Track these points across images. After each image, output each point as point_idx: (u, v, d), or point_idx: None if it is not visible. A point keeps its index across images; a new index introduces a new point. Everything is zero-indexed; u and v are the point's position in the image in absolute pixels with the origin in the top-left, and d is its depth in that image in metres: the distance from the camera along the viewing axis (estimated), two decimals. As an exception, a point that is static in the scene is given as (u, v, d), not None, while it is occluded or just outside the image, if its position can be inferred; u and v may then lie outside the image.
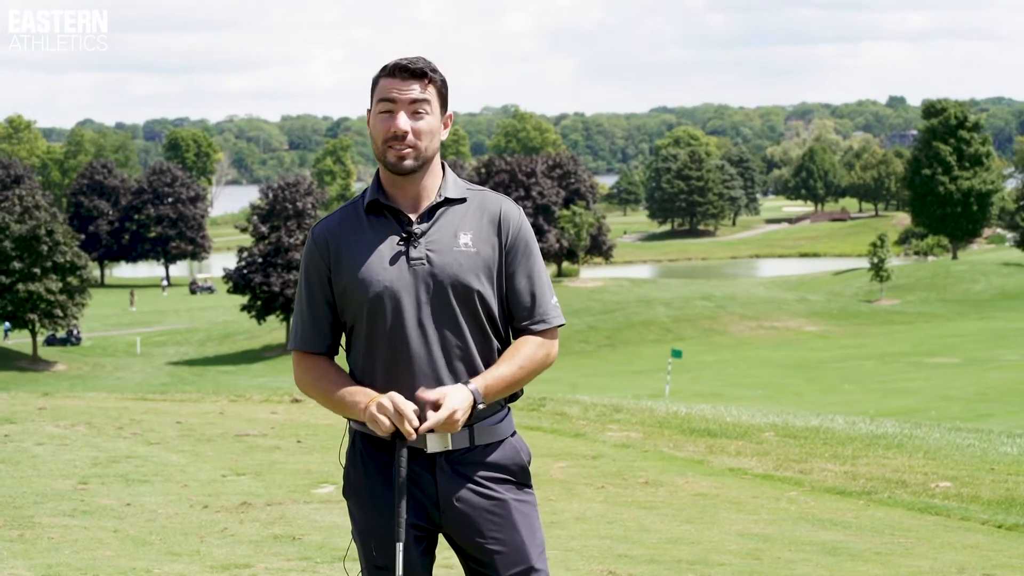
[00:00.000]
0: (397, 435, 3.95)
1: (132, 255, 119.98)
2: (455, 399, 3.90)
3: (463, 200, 4.11)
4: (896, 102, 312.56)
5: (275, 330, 74.41)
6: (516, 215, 4.12)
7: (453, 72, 4.26)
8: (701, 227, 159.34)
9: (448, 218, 4.07)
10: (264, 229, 72.20)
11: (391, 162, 4.02)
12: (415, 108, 4.00)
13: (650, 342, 66.55)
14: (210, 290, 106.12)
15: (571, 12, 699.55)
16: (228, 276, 72.58)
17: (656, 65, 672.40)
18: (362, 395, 3.99)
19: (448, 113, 4.11)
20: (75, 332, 71.51)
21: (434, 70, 4.04)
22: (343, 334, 4.18)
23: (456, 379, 4.01)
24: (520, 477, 4.13)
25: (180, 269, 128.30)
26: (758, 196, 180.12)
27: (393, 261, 4.02)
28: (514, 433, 4.18)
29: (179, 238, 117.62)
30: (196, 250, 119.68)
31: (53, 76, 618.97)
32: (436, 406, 3.89)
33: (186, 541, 8.47)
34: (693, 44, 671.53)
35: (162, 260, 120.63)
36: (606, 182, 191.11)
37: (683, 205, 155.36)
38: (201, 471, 11.44)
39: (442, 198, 4.08)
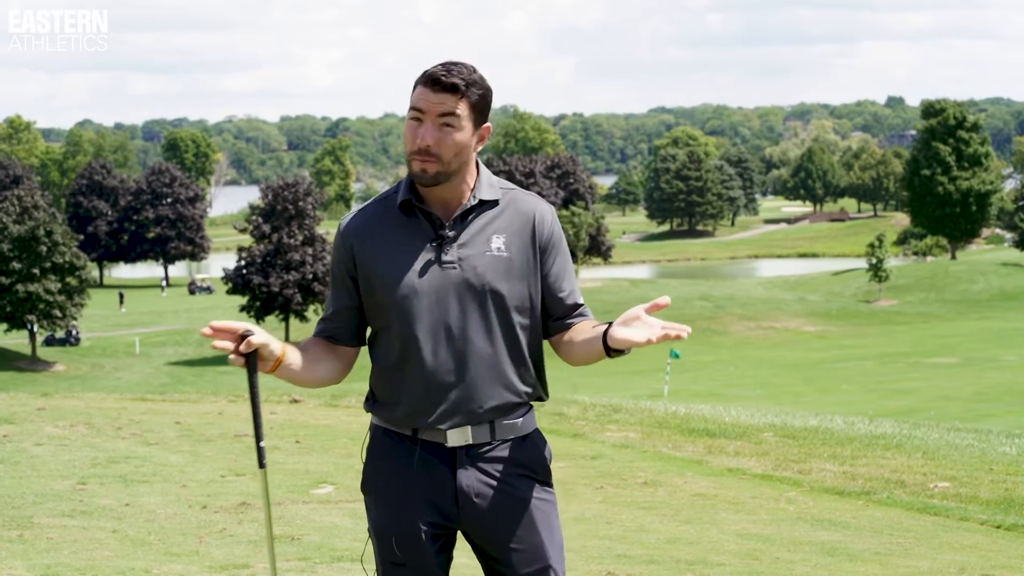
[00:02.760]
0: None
1: (131, 256, 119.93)
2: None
3: (496, 202, 4.07)
4: (895, 102, 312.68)
5: (274, 330, 74.37)
6: (549, 216, 4.10)
7: (451, 72, 4.20)
8: (700, 227, 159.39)
9: (481, 221, 4.04)
10: (265, 229, 72.14)
11: (414, 172, 3.97)
12: (444, 121, 3.93)
13: (649, 342, 66.31)
14: (209, 290, 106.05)
15: (571, 12, 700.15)
16: (227, 277, 72.52)
17: (655, 65, 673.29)
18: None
19: (486, 124, 4.04)
20: (74, 332, 71.49)
21: (472, 83, 3.95)
22: (366, 330, 4.17)
23: (484, 384, 4.00)
24: (542, 475, 4.11)
25: (179, 270, 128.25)
26: (757, 196, 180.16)
27: (424, 265, 3.98)
28: (537, 431, 4.17)
29: (178, 239, 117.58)
30: (195, 251, 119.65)
31: (52, 76, 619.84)
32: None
33: (185, 541, 8.46)
34: (692, 44, 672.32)
35: (161, 261, 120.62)
36: (605, 182, 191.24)
37: (682, 205, 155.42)
38: (200, 471, 11.43)
39: (476, 200, 4.03)
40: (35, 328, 65.87)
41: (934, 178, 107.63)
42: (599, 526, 9.30)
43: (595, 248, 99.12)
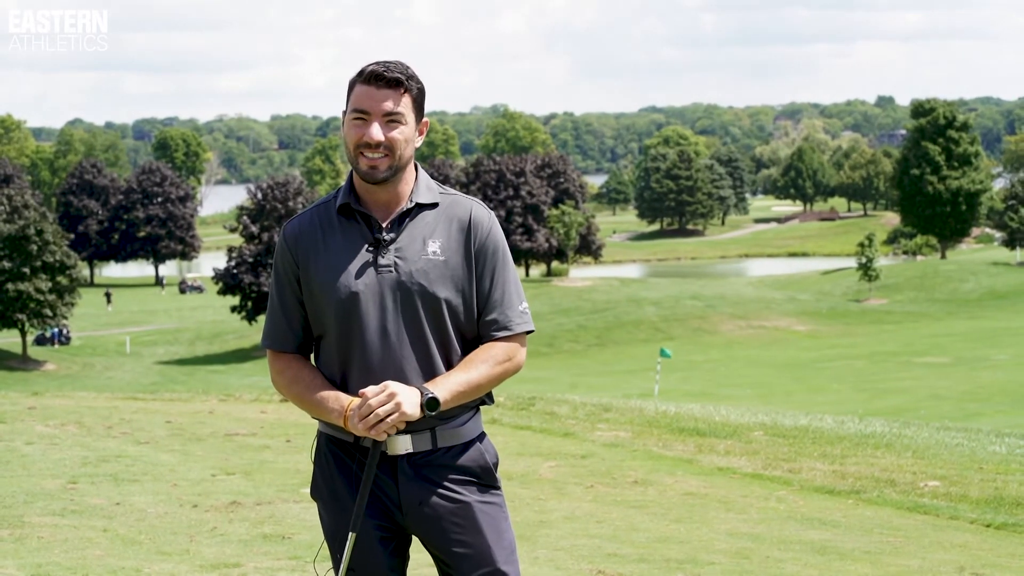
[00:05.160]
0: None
1: (121, 255, 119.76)
2: (402, 394, 3.88)
3: (435, 205, 4.07)
4: (885, 102, 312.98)
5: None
6: (486, 220, 4.08)
7: (444, 72, 4.26)
8: (690, 227, 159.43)
9: (418, 225, 4.04)
10: (254, 229, 72.10)
11: (363, 171, 3.97)
12: (389, 118, 3.95)
13: (640, 342, 66.53)
14: (199, 290, 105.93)
15: (564, 12, 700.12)
16: (218, 276, 72.45)
17: (646, 65, 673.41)
18: (335, 401, 3.98)
19: (424, 120, 4.06)
20: (64, 332, 71.33)
21: (411, 78, 3.98)
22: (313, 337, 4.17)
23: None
24: (485, 478, 4.08)
25: (169, 269, 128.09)
26: (747, 196, 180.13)
27: (361, 268, 3.99)
28: (482, 435, 4.14)
29: (168, 238, 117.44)
30: (185, 250, 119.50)
31: (43, 75, 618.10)
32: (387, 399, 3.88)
33: (176, 540, 8.46)
34: (683, 44, 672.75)
35: (151, 260, 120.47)
36: (595, 182, 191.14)
37: (672, 205, 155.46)
38: (191, 470, 11.43)
39: (413, 203, 4.04)
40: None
41: (924, 177, 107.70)
42: (589, 525, 9.30)
43: (585, 247, 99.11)
